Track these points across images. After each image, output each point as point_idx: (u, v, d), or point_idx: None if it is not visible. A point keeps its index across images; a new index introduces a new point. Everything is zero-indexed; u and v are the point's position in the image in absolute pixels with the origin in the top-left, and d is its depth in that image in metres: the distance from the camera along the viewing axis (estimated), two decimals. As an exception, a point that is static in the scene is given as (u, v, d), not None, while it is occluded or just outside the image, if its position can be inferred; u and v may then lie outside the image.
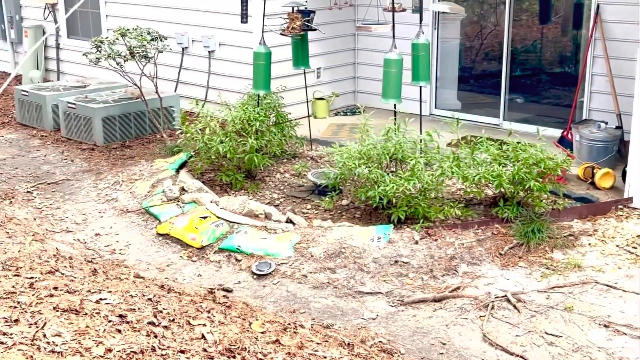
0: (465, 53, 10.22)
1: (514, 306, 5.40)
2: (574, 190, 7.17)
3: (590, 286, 5.63)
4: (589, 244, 6.20)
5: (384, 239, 6.24)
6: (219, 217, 6.72)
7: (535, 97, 9.57)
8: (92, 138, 9.09)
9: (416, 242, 6.22)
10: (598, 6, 8.28)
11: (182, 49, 10.17)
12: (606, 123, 7.92)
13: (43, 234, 6.51)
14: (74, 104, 9.19)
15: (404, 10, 7.95)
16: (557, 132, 8.48)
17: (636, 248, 6.08)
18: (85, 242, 6.59)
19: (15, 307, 4.16)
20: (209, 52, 9.90)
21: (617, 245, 6.16)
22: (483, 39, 10.03)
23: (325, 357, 4.41)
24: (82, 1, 6.71)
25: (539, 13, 9.54)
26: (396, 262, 5.99)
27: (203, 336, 4.28)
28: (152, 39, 8.68)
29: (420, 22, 7.36)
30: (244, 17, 8.25)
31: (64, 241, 6.47)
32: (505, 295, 5.53)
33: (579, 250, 6.15)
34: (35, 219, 7.01)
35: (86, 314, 4.20)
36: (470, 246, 6.19)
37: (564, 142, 8.20)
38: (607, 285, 5.61)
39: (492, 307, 5.40)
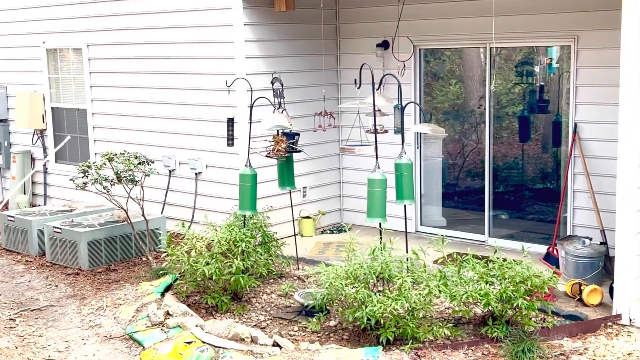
0: (449, 170, 10.38)
1: None
2: (562, 307, 7.12)
3: (584, 407, 5.50)
4: (581, 363, 6.10)
5: (373, 362, 6.11)
6: (204, 342, 6.59)
7: (519, 213, 9.65)
8: (78, 262, 9.03)
9: (406, 364, 6.11)
10: (575, 125, 8.49)
11: (169, 171, 10.28)
12: (590, 239, 7.97)
13: (24, 363, 6.35)
14: (60, 228, 9.18)
15: (386, 131, 8.12)
16: (542, 248, 8.50)
17: (629, 366, 5.99)
18: (67, 371, 6.43)
19: None
20: (196, 173, 10.01)
21: (609, 364, 6.06)
22: (465, 157, 10.21)
23: None
24: (68, 138, 6.82)
25: (519, 131, 9.77)
26: (386, 385, 5.86)
27: None
28: (139, 163, 8.78)
29: (403, 143, 7.51)
30: (230, 140, 8.40)
31: (45, 370, 6.31)
32: (499, 419, 5.38)
33: (571, 369, 6.04)
34: (17, 348, 6.85)
35: None
36: (461, 367, 6.08)
37: (550, 259, 8.22)
38: (602, 406, 5.49)
39: None
